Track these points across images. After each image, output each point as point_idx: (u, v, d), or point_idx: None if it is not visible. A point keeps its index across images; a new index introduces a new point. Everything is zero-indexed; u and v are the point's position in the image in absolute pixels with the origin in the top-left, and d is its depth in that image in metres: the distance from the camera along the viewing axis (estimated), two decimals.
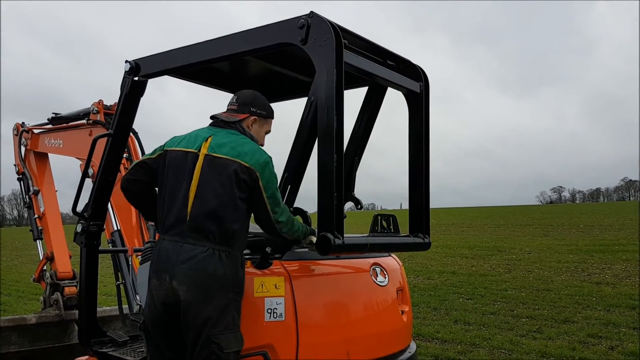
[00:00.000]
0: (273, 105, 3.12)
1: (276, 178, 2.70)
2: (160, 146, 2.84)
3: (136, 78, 3.38)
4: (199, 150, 2.66)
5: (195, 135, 2.75)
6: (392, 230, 3.05)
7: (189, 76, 3.74)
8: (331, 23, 2.55)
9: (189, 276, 2.51)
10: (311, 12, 2.62)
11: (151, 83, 3.43)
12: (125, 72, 3.38)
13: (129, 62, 3.36)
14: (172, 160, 2.70)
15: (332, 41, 2.49)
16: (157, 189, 2.88)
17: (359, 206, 3.52)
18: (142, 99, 3.45)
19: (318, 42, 2.55)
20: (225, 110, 2.94)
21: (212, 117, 2.87)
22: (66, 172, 6.15)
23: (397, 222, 3.06)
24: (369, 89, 3.59)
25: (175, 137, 2.84)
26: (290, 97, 4.04)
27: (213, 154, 2.63)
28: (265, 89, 3.97)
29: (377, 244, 3.00)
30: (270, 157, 2.70)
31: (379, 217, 3.03)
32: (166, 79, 3.54)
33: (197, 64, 3.15)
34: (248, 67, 3.69)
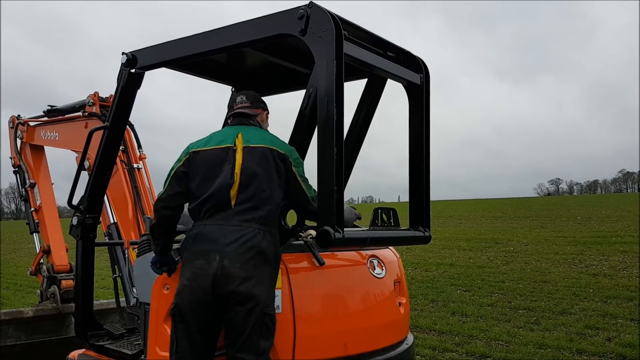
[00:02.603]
0: (270, 98, 3.12)
1: (302, 161, 2.92)
2: (183, 152, 2.90)
3: (133, 70, 3.35)
4: (234, 144, 2.81)
5: (224, 134, 2.89)
6: (393, 224, 3.02)
7: (186, 68, 3.71)
8: (331, 14, 2.51)
9: (240, 254, 2.64)
10: (310, 2, 2.57)
11: None
12: (122, 64, 3.33)
13: (126, 54, 3.32)
14: (206, 157, 2.82)
15: (331, 32, 2.46)
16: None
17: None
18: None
19: (317, 33, 2.52)
20: (234, 110, 3.02)
21: (235, 115, 3.00)
22: (62, 165, 6.11)
23: (398, 215, 3.04)
24: (368, 80, 3.56)
25: (196, 141, 2.93)
26: (288, 90, 4.00)
27: (251, 145, 2.80)
28: (263, 81, 3.94)
29: (377, 237, 2.98)
30: None
31: (379, 211, 3.01)
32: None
33: (194, 56, 3.11)
34: (246, 59, 3.65)
